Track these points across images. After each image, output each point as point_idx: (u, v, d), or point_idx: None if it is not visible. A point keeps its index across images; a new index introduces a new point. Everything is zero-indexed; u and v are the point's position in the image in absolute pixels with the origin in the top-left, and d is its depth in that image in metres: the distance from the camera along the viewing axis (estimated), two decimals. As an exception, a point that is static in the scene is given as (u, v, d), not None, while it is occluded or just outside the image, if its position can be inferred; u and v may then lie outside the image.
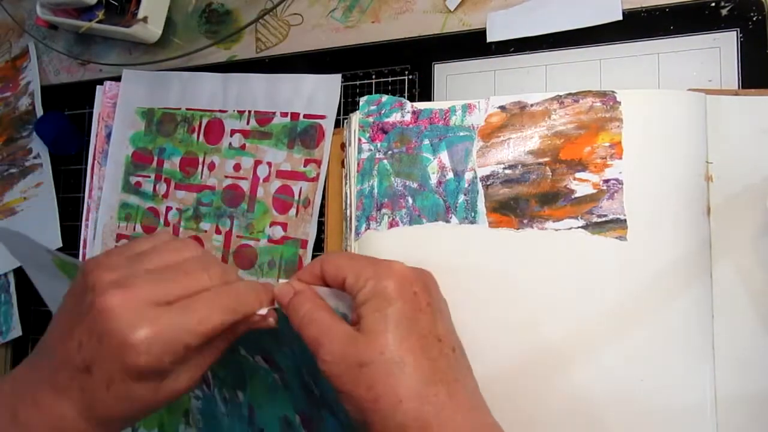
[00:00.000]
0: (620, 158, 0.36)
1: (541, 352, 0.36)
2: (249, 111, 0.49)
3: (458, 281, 0.38)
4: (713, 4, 0.38)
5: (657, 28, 0.39)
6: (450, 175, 0.40)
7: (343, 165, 0.44)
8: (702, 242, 0.35)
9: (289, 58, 0.49)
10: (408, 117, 0.41)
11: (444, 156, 0.40)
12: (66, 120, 0.56)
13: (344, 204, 0.43)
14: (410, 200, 0.40)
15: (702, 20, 0.38)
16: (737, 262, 0.35)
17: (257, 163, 0.48)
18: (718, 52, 0.38)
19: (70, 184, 0.58)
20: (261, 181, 0.48)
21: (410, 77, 0.45)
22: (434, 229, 0.39)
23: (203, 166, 0.50)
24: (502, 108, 0.39)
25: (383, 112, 0.42)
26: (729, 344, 0.35)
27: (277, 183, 0.48)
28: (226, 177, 0.49)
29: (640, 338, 0.35)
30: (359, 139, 0.42)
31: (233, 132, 0.50)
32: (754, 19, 0.37)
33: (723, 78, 0.37)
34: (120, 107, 0.54)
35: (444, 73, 0.44)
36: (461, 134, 0.40)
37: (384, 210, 0.41)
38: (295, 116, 0.48)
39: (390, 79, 0.46)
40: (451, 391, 0.29)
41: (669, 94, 0.36)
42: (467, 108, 0.40)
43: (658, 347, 0.35)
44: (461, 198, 0.39)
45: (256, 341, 0.37)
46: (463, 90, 0.43)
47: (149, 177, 0.52)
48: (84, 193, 0.55)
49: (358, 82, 0.47)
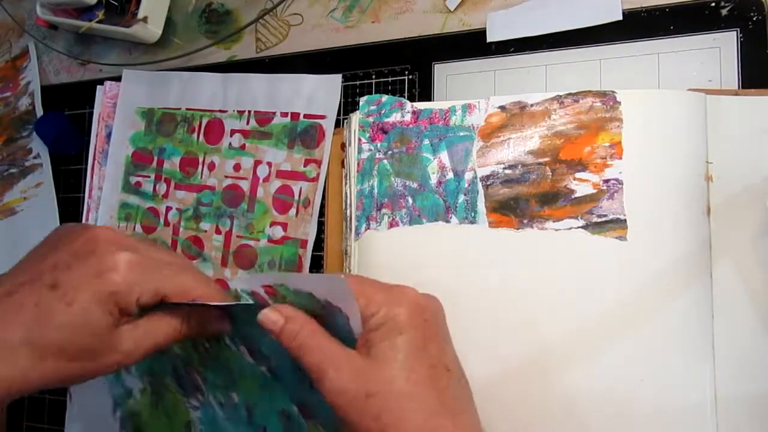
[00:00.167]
0: (620, 158, 0.36)
1: (541, 352, 0.36)
2: (249, 111, 0.49)
3: (458, 281, 0.38)
4: (713, 4, 0.38)
5: (657, 28, 0.39)
6: (450, 175, 0.40)
7: (343, 165, 0.44)
8: (702, 242, 0.35)
9: (289, 58, 0.49)
10: (408, 117, 0.41)
11: (444, 156, 0.40)
12: (66, 120, 0.56)
13: (344, 204, 0.43)
14: (410, 200, 0.40)
15: (702, 20, 0.38)
16: (737, 262, 0.35)
17: (257, 163, 0.48)
18: (718, 52, 0.38)
19: (70, 184, 0.58)
20: (261, 181, 0.48)
21: (410, 77, 0.45)
22: (434, 229, 0.39)
23: (203, 166, 0.50)
24: (502, 108, 0.39)
25: (383, 112, 0.42)
26: (729, 344, 0.35)
27: (277, 183, 0.48)
28: (226, 177, 0.49)
29: (640, 338, 0.35)
30: (359, 139, 0.42)
31: (233, 132, 0.50)
32: (754, 19, 0.37)
33: (723, 78, 0.37)
34: (120, 107, 0.54)
35: (444, 73, 0.44)
36: (461, 134, 0.40)
37: (384, 210, 0.41)
38: (295, 116, 0.48)
39: (390, 79, 0.46)
40: (457, 424, 0.29)
41: (669, 94, 0.36)
42: (467, 108, 0.40)
43: (658, 347, 0.35)
44: (461, 198, 0.39)
45: (237, 329, 0.36)
46: (463, 90, 0.43)
47: (149, 177, 0.52)
48: (84, 193, 0.55)
49: (358, 82, 0.47)
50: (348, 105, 0.47)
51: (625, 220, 0.36)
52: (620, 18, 0.39)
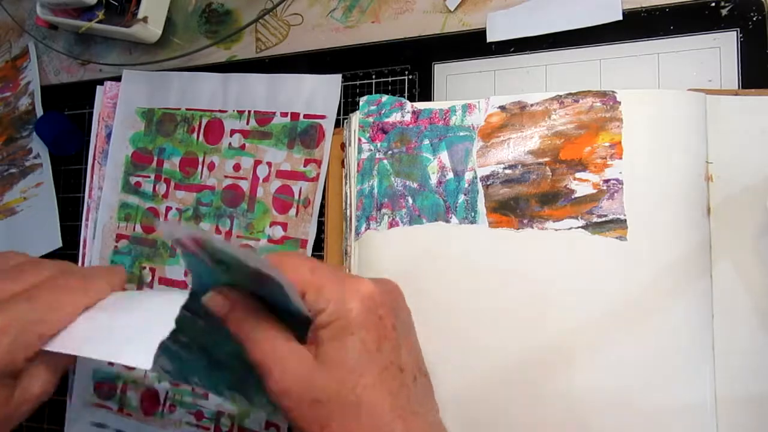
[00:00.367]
0: (620, 158, 0.36)
1: (541, 352, 0.36)
2: (249, 111, 0.49)
3: (458, 281, 0.38)
4: (713, 4, 0.38)
5: (657, 28, 0.39)
6: (450, 175, 0.40)
7: (343, 165, 0.44)
8: (702, 242, 0.35)
9: (289, 58, 0.49)
10: (408, 117, 0.41)
11: (444, 156, 0.40)
12: (66, 120, 0.56)
13: (344, 204, 0.43)
14: (410, 200, 0.40)
15: (702, 20, 0.38)
16: (737, 262, 0.35)
17: (257, 163, 0.48)
18: (718, 52, 0.38)
19: (70, 184, 0.58)
20: (261, 181, 0.48)
21: (410, 77, 0.45)
22: (434, 229, 0.39)
23: (203, 166, 0.50)
24: (502, 108, 0.39)
25: (383, 112, 0.42)
26: (729, 344, 0.35)
27: (277, 183, 0.48)
28: (226, 177, 0.49)
29: (640, 338, 0.35)
30: (359, 139, 0.42)
31: (233, 132, 0.50)
32: (754, 19, 0.37)
33: (723, 78, 0.37)
34: (120, 107, 0.54)
35: (444, 73, 0.44)
36: (461, 134, 0.40)
37: (384, 210, 0.41)
38: (295, 116, 0.48)
39: (390, 79, 0.46)
40: (408, 427, 0.28)
41: (669, 94, 0.36)
42: (467, 108, 0.40)
43: (658, 347, 0.35)
44: (461, 198, 0.39)
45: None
46: (463, 90, 0.43)
47: (149, 177, 0.52)
48: (84, 193, 0.55)
49: (358, 82, 0.47)
50: (348, 105, 0.47)
51: (625, 220, 0.36)
52: (620, 18, 0.39)
